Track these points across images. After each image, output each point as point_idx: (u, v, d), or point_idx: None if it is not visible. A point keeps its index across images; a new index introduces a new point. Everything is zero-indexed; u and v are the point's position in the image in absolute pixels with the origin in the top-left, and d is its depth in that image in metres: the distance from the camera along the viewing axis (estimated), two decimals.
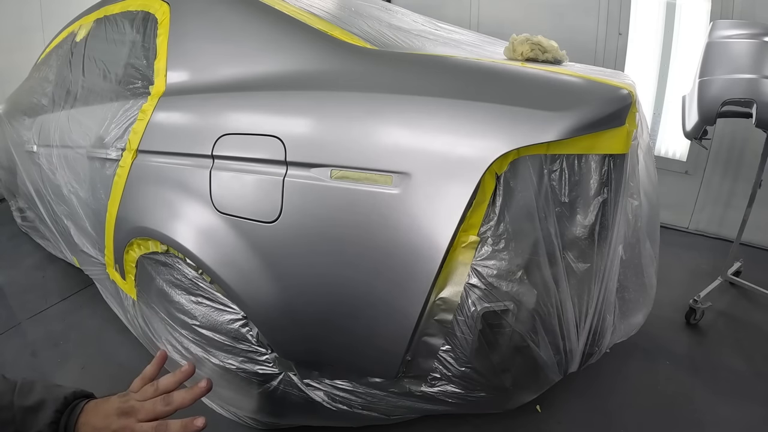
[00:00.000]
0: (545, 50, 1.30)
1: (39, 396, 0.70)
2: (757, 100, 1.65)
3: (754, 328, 1.95)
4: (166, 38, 1.47)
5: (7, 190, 3.05)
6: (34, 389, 0.71)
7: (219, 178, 1.20)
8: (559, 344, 1.15)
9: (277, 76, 1.21)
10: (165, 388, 0.75)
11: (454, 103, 1.02)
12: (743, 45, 1.84)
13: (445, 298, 1.05)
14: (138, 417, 0.71)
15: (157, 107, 1.41)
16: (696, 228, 2.86)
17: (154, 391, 0.74)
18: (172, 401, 0.73)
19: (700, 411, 1.54)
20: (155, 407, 0.72)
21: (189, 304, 1.37)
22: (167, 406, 0.72)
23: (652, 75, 2.81)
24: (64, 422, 0.69)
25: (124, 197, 1.48)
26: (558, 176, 1.04)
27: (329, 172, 1.07)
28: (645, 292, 1.41)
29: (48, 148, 2.04)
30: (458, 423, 1.45)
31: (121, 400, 0.73)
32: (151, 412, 0.71)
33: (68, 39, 2.12)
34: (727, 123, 2.33)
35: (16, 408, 0.69)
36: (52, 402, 0.70)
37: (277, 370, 1.29)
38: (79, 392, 0.74)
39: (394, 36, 1.37)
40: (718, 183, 2.72)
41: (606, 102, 1.03)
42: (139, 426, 0.70)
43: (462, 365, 1.11)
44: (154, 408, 0.72)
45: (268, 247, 1.15)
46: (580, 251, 1.11)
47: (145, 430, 0.69)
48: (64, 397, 0.71)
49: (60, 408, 0.70)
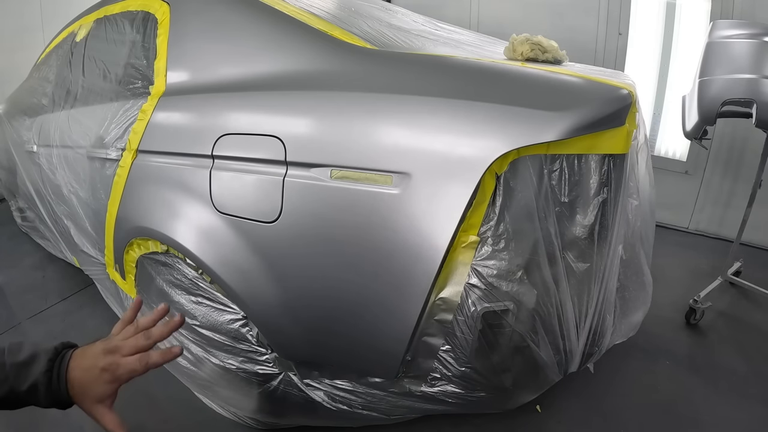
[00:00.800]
0: (545, 50, 1.30)
1: (29, 351, 0.75)
2: (757, 100, 1.65)
3: (754, 328, 1.95)
4: (166, 38, 1.47)
5: (7, 190, 3.05)
6: (23, 348, 0.75)
7: (219, 178, 1.20)
8: (559, 344, 1.15)
9: (277, 76, 1.21)
10: (144, 326, 0.82)
11: (454, 103, 1.02)
12: (743, 45, 1.84)
13: (445, 298, 1.05)
14: (122, 353, 0.77)
15: (157, 107, 1.41)
16: (696, 228, 2.86)
17: (135, 330, 0.81)
18: (151, 335, 0.80)
19: (700, 411, 1.54)
20: (137, 342, 0.78)
21: (189, 304, 1.37)
22: (147, 340, 0.79)
23: (652, 75, 2.81)
24: (56, 370, 0.74)
25: (124, 197, 1.48)
26: (558, 176, 1.04)
27: (329, 172, 1.07)
28: (644, 290, 1.41)
29: (48, 148, 2.04)
30: (458, 423, 1.45)
31: (105, 342, 0.79)
32: (133, 347, 0.78)
33: (68, 39, 2.12)
34: (727, 123, 2.33)
35: (8, 366, 0.73)
36: (43, 354, 0.75)
37: (277, 370, 1.29)
38: (66, 343, 0.79)
39: (394, 36, 1.37)
40: (718, 183, 2.71)
41: (606, 102, 1.03)
42: (124, 359, 0.76)
43: (462, 365, 1.11)
44: (136, 343, 0.78)
45: (268, 247, 1.15)
46: (580, 251, 1.11)
47: (129, 361, 0.76)
48: (54, 347, 0.76)
49: (52, 357, 0.74)
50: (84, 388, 0.74)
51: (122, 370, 0.76)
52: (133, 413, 1.55)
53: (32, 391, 0.73)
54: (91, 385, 0.75)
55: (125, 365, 0.76)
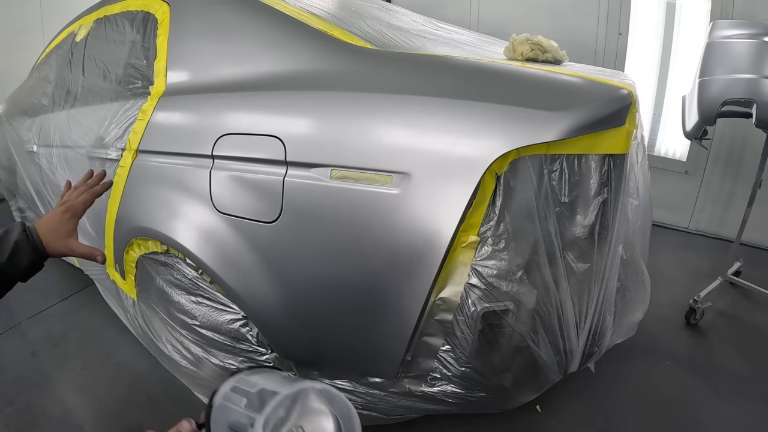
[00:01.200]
0: (545, 50, 1.30)
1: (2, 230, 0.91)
2: (757, 100, 1.65)
3: (754, 328, 1.95)
4: (166, 38, 1.47)
5: (7, 190, 3.05)
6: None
7: (219, 178, 1.20)
8: (559, 344, 1.15)
9: (277, 76, 1.21)
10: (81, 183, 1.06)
11: (454, 103, 1.02)
12: (743, 45, 1.84)
13: (445, 298, 1.05)
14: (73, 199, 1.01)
15: (157, 107, 1.41)
16: (696, 228, 2.86)
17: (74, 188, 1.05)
18: (89, 184, 1.05)
19: (700, 411, 1.54)
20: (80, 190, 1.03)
21: (189, 304, 1.37)
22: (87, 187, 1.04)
23: (652, 75, 2.81)
24: (29, 230, 0.92)
25: (124, 197, 1.48)
26: (558, 176, 1.04)
27: (329, 172, 1.07)
28: (644, 289, 1.42)
29: (48, 148, 2.04)
30: (458, 423, 1.45)
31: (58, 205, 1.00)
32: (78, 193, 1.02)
33: (68, 39, 2.12)
34: (727, 123, 2.33)
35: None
36: (14, 225, 0.92)
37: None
38: None
39: (394, 36, 1.37)
40: (718, 183, 2.71)
41: (606, 102, 1.03)
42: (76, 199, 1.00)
43: (462, 365, 1.11)
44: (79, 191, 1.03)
45: (268, 247, 1.15)
46: (580, 251, 1.11)
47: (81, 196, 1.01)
48: (19, 222, 0.93)
49: (22, 224, 0.92)
50: (54, 233, 0.94)
51: (77, 204, 0.99)
52: (133, 413, 1.55)
53: (14, 254, 0.88)
54: (57, 227, 0.95)
55: (78, 200, 1.00)
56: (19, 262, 0.88)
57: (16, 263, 0.88)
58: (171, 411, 1.56)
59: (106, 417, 1.55)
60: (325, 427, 0.69)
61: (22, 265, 0.89)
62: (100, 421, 1.54)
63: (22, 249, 0.89)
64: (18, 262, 0.88)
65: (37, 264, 0.92)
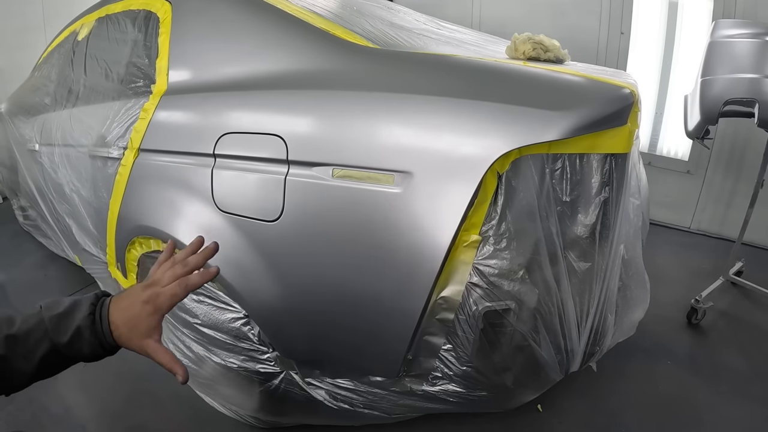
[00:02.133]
0: (547, 49, 1.30)
1: (69, 302, 0.75)
2: (760, 99, 1.64)
3: (756, 329, 1.94)
4: (168, 37, 1.47)
5: (9, 189, 3.06)
6: (62, 302, 0.75)
7: (221, 177, 1.21)
8: (560, 343, 1.15)
9: (278, 74, 1.21)
10: (180, 258, 0.83)
11: (456, 102, 1.02)
12: (745, 44, 1.84)
13: (447, 297, 1.05)
14: (161, 285, 0.78)
15: (158, 106, 1.41)
16: (698, 228, 2.85)
17: (172, 264, 0.82)
18: (188, 263, 0.81)
19: (702, 411, 1.54)
20: (174, 271, 0.80)
21: (190, 302, 1.37)
22: (185, 267, 0.80)
23: (654, 74, 2.80)
24: (98, 312, 0.74)
25: (125, 196, 1.48)
26: (560, 175, 1.04)
27: (331, 171, 1.07)
28: (644, 289, 1.42)
29: (50, 147, 2.05)
30: (459, 422, 1.45)
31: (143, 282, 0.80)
32: (171, 277, 0.79)
33: (70, 38, 2.13)
34: (729, 123, 2.33)
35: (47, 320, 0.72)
36: (84, 300, 0.75)
37: (278, 368, 1.29)
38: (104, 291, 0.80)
39: (396, 35, 1.37)
40: (720, 183, 2.71)
41: (608, 101, 1.03)
42: (163, 288, 0.77)
43: (463, 364, 1.11)
44: (174, 272, 0.80)
45: (270, 246, 1.16)
46: (581, 250, 1.11)
47: (169, 288, 0.77)
48: (95, 294, 0.77)
49: (93, 301, 0.75)
50: (128, 326, 0.74)
51: (163, 298, 0.76)
52: (135, 412, 1.56)
53: (75, 339, 0.71)
54: (135, 320, 0.74)
55: (165, 292, 0.76)
56: (81, 348, 0.73)
57: (77, 349, 0.73)
58: (173, 409, 1.56)
59: (108, 415, 1.56)
60: None
61: (85, 351, 0.73)
62: (101, 419, 1.54)
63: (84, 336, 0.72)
64: (80, 348, 0.73)
65: (101, 355, 0.75)
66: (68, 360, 0.74)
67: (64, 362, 0.74)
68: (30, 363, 0.70)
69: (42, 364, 0.71)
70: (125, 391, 1.65)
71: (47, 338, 0.71)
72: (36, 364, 0.71)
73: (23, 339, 0.70)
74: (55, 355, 0.72)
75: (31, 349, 0.70)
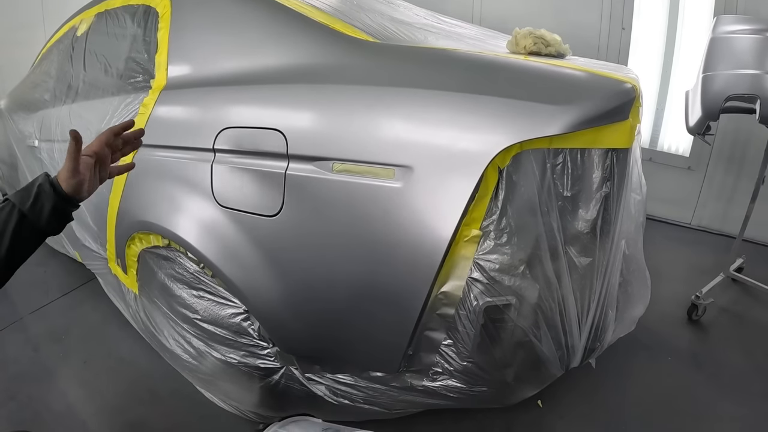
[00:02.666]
0: (548, 44, 1.30)
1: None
2: (761, 95, 1.64)
3: (756, 325, 1.94)
4: (167, 32, 1.47)
5: (9, 185, 3.05)
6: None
7: (220, 171, 1.20)
8: (560, 339, 1.15)
9: (278, 69, 1.20)
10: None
11: (457, 96, 1.02)
12: (747, 41, 1.83)
13: (447, 293, 1.05)
14: None
15: (158, 101, 1.40)
16: (698, 224, 2.85)
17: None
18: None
19: (702, 407, 1.54)
20: None
21: (190, 298, 1.37)
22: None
23: (655, 70, 2.79)
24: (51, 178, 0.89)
25: (125, 191, 1.48)
26: (561, 170, 1.04)
27: (331, 165, 1.06)
28: (644, 285, 1.42)
29: (49, 143, 2.04)
30: (459, 417, 1.46)
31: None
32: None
33: (69, 34, 2.12)
34: (731, 119, 2.32)
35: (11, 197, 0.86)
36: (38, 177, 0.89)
37: (278, 364, 1.29)
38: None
39: (396, 29, 1.36)
40: (721, 179, 2.70)
41: (609, 96, 1.03)
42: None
43: (464, 360, 1.11)
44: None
45: (270, 240, 1.15)
46: (582, 246, 1.10)
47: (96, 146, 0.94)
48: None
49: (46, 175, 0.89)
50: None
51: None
52: (135, 407, 1.56)
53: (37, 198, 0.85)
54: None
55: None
56: (43, 204, 0.85)
57: (40, 206, 0.85)
58: (173, 405, 1.56)
59: (109, 411, 1.56)
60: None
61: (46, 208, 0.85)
62: (102, 415, 1.54)
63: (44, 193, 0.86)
64: (41, 205, 0.85)
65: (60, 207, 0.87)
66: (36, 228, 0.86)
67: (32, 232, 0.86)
68: (1, 244, 0.83)
69: (14, 238, 0.83)
70: (125, 387, 1.65)
71: (15, 209, 0.84)
72: (9, 241, 0.83)
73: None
74: (23, 224, 0.84)
75: (1, 228, 0.83)
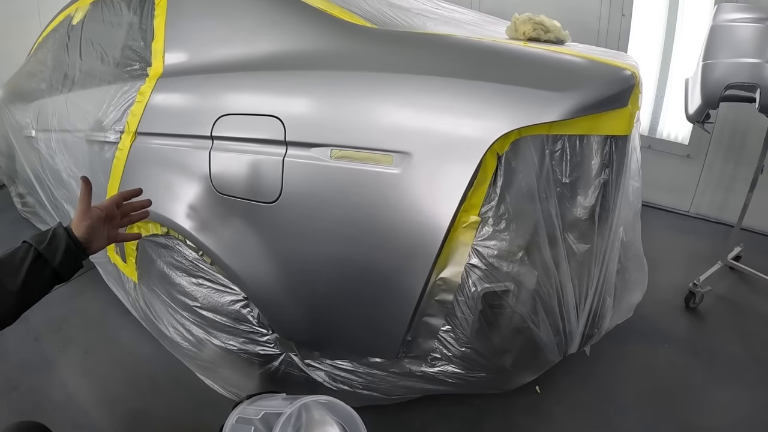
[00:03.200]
0: (548, 30, 1.29)
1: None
2: (761, 84, 1.63)
3: (753, 313, 1.95)
4: (164, 19, 1.45)
5: (6, 176, 3.04)
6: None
7: (218, 159, 1.20)
8: (558, 325, 1.15)
9: (276, 55, 1.20)
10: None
11: (456, 82, 1.01)
12: (748, 29, 1.81)
13: (446, 279, 1.06)
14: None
15: (155, 89, 1.39)
16: (697, 212, 2.85)
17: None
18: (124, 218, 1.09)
19: (699, 394, 1.55)
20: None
21: (190, 285, 1.37)
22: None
23: (655, 57, 2.78)
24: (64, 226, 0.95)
25: (123, 180, 1.48)
26: (559, 157, 1.03)
27: (329, 151, 1.06)
28: (642, 271, 1.42)
29: (46, 133, 2.03)
30: (458, 403, 1.47)
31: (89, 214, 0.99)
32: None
33: (64, 23, 2.10)
34: (730, 107, 2.31)
35: (29, 239, 0.91)
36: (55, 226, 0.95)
37: (278, 350, 1.30)
38: None
39: (394, 15, 1.35)
40: (719, 167, 2.70)
41: (609, 83, 1.02)
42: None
43: (462, 345, 1.12)
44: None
45: (268, 227, 1.15)
46: (580, 232, 1.10)
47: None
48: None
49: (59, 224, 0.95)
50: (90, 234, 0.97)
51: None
52: (136, 396, 1.57)
53: (52, 240, 0.91)
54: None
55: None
56: (57, 246, 0.91)
57: (55, 246, 0.91)
58: (173, 393, 1.57)
59: (110, 400, 1.57)
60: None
61: (60, 249, 0.91)
62: (103, 404, 1.55)
63: (59, 236, 0.92)
64: (56, 246, 0.91)
65: (73, 251, 0.93)
66: (49, 267, 0.89)
67: (45, 270, 0.90)
68: (17, 278, 0.86)
69: (28, 273, 0.87)
70: (125, 376, 1.66)
71: (32, 248, 0.89)
72: (24, 275, 0.86)
73: (9, 258, 0.88)
74: (38, 261, 0.88)
75: (18, 264, 0.87)
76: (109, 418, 1.50)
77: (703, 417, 1.46)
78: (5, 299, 0.86)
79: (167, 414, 1.51)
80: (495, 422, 1.44)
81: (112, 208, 1.03)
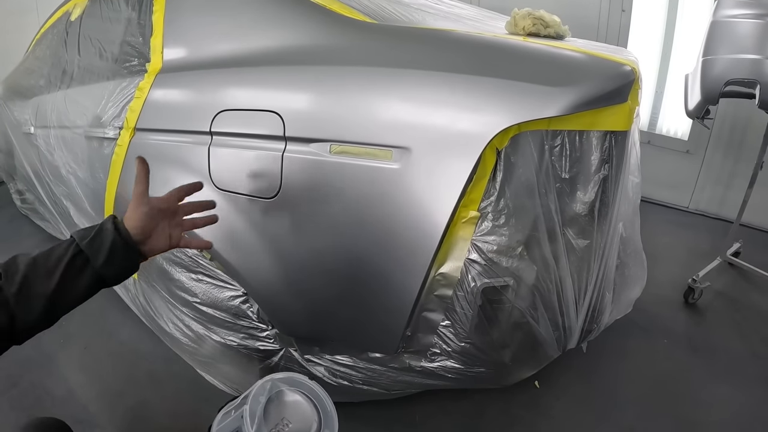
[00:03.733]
0: (547, 25, 1.28)
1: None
2: (761, 80, 1.62)
3: (752, 309, 1.95)
4: (162, 14, 1.45)
5: (5, 173, 3.03)
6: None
7: (217, 154, 1.20)
8: (558, 320, 1.15)
9: (275, 50, 1.19)
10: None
11: (455, 77, 1.01)
12: (748, 25, 1.81)
13: (445, 274, 1.06)
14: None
15: (154, 85, 1.39)
16: (696, 207, 2.85)
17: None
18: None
19: (698, 390, 1.56)
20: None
21: (189, 281, 1.37)
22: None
23: (654, 53, 2.77)
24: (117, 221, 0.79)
25: (122, 176, 1.47)
26: (559, 152, 1.03)
27: (328, 147, 1.06)
28: (641, 266, 1.42)
29: (45, 129, 2.03)
30: (457, 398, 1.47)
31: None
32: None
33: (63, 18, 2.09)
34: (730, 103, 2.31)
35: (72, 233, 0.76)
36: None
37: (277, 346, 1.30)
38: None
39: (394, 10, 1.34)
40: (719, 163, 2.70)
41: (608, 78, 1.02)
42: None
43: (461, 340, 1.12)
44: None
45: (268, 223, 1.15)
46: (580, 228, 1.11)
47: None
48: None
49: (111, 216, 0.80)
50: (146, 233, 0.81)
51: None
52: (135, 391, 1.57)
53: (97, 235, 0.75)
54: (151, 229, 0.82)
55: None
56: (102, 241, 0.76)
57: (99, 243, 0.76)
58: (173, 388, 1.57)
59: (109, 395, 1.57)
60: (304, 411, 0.75)
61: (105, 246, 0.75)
62: (103, 399, 1.56)
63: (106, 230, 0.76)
64: (101, 242, 0.76)
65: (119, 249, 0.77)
66: (89, 266, 0.73)
67: (85, 270, 0.74)
68: (51, 280, 0.71)
69: (65, 272, 0.72)
70: (125, 371, 1.66)
71: (73, 243, 0.74)
72: (60, 274, 0.71)
73: (47, 254, 0.73)
74: (77, 258, 0.73)
75: (54, 262, 0.72)
76: (109, 414, 1.51)
77: (702, 412, 1.47)
78: (34, 306, 0.71)
79: (167, 409, 1.51)
80: (494, 417, 1.45)
81: (174, 201, 0.85)
